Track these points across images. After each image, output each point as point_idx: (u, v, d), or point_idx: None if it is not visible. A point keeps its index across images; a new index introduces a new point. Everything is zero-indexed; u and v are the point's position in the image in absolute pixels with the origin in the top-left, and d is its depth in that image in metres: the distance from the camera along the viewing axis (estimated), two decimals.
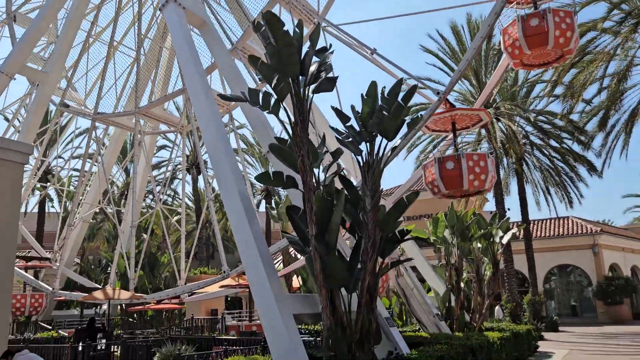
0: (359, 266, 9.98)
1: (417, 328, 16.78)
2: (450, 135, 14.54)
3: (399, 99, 10.23)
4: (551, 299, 40.75)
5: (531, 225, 41.96)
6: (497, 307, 29.27)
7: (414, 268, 20.70)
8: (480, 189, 12.94)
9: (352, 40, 17.22)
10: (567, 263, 39.73)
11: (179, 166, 40.21)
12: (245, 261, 9.59)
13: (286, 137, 10.03)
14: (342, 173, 16.36)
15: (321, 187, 9.93)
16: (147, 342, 13.49)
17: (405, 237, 11.12)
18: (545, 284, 40.80)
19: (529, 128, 31.93)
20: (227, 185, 10.59)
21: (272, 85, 9.41)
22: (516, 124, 30.37)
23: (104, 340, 13.73)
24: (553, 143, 31.76)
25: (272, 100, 9.60)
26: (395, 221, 10.53)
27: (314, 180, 9.95)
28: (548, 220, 42.31)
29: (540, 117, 31.09)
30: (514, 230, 18.57)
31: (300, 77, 9.86)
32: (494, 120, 26.04)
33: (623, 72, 22.17)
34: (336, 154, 10.82)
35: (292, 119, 9.66)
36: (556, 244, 39.58)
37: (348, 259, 10.36)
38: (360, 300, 9.94)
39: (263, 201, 45.88)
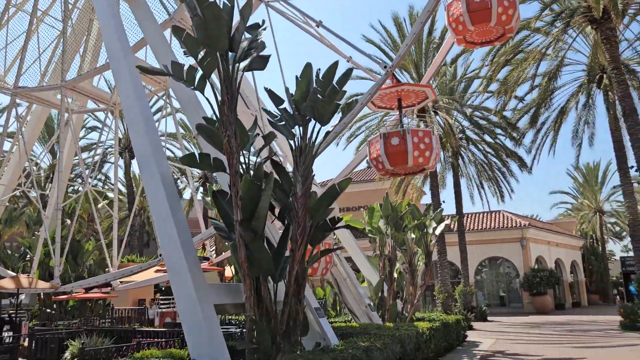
0: (288, 254, 9.60)
1: (349, 318, 16.65)
2: (392, 119, 14.43)
3: (334, 82, 9.85)
4: (481, 290, 42.20)
5: (465, 218, 43.16)
6: None
7: (349, 259, 20.63)
8: (424, 165, 12.80)
9: (297, 13, 16.50)
10: (497, 255, 41.24)
11: (110, 149, 38.24)
12: (164, 247, 8.95)
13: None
14: (277, 158, 15.93)
15: (251, 172, 9.45)
16: (59, 335, 12.52)
17: (337, 225, 10.82)
18: (476, 275, 42.21)
19: (465, 123, 32.67)
20: (148, 167, 9.86)
21: (198, 59, 8.78)
22: (453, 119, 30.95)
23: (9, 333, 12.62)
24: (488, 138, 32.65)
25: (198, 76, 8.97)
26: (326, 208, 10.20)
27: (243, 164, 9.46)
28: (481, 214, 43.72)
29: (476, 113, 31.82)
30: (447, 221, 18.80)
31: (231, 53, 9.29)
32: (432, 113, 26.35)
33: (553, 71, 22.94)
34: (268, 138, 10.31)
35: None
36: (488, 237, 40.97)
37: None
38: (287, 289, 9.55)
39: (201, 188, 44.69)
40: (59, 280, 20.38)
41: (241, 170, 9.37)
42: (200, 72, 8.91)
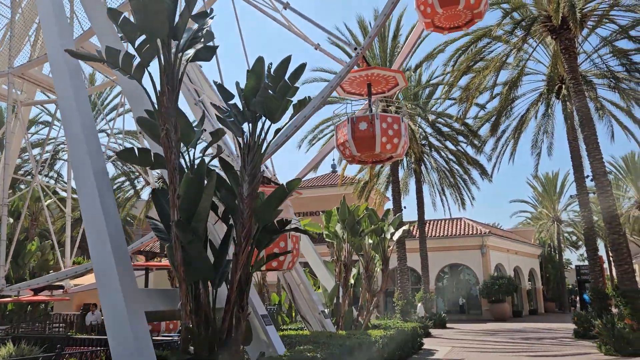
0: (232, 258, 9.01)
1: (302, 326, 16.12)
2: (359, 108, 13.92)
3: (286, 77, 9.36)
4: (442, 297, 42.34)
5: (426, 224, 43.32)
6: (419, 305, 29.58)
7: (307, 264, 20.11)
8: (392, 153, 12.28)
9: None
10: (458, 262, 41.46)
11: (63, 146, 36.66)
12: (92, 248, 8.23)
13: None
14: (231, 157, 15.28)
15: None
16: None
17: (286, 228, 10.28)
18: (437, 281, 42.34)
19: (429, 130, 32.72)
20: (80, 163, 9.11)
21: (135, 46, 8.13)
22: (417, 125, 30.90)
23: None
24: (450, 145, 32.78)
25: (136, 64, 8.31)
26: (274, 210, 9.65)
27: (188, 161, 8.85)
28: (443, 221, 43.94)
29: (440, 120, 31.90)
30: (405, 226, 18.52)
31: (175, 41, 8.68)
32: None
33: (514, 80, 23.07)
34: (216, 134, 9.73)
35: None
36: (449, 244, 41.17)
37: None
38: (229, 296, 8.96)
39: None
40: (4, 281, 19.09)
41: (185, 168, 8.77)
42: (138, 60, 8.27)
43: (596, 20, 22.60)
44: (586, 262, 50.45)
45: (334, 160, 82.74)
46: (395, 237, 17.65)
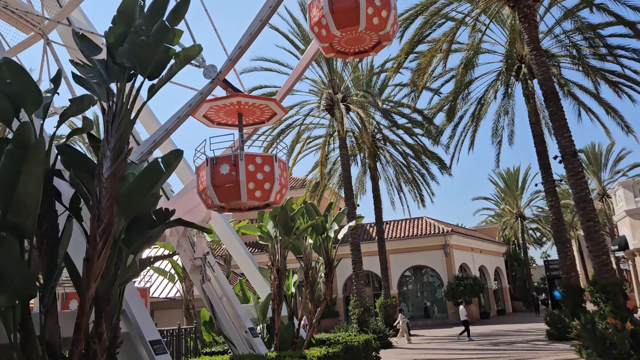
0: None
1: (226, 348, 13.18)
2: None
3: (165, 18, 6.64)
4: (406, 301, 39.92)
5: (386, 225, 40.96)
6: (400, 316, 26.86)
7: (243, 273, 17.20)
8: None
9: None
10: (421, 264, 39.16)
11: None
12: None
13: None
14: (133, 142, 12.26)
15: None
16: None
17: (169, 221, 7.38)
18: (401, 285, 39.94)
19: (384, 122, 30.31)
20: None
21: None
22: (371, 117, 28.43)
23: None
24: (406, 138, 30.45)
25: None
26: (146, 196, 6.74)
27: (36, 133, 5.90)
28: (403, 221, 41.66)
29: (396, 110, 29.50)
30: (352, 223, 15.80)
31: None
32: (342, 110, 23.58)
33: (469, 57, 20.84)
34: (77, 103, 6.86)
35: None
36: (410, 245, 38.87)
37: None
38: (78, 320, 6.04)
39: None
40: None
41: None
42: None
43: None
44: (553, 257, 49.23)
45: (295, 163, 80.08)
46: (341, 236, 14.91)
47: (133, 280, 8.89)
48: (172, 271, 19.24)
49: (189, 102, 10.14)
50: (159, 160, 6.80)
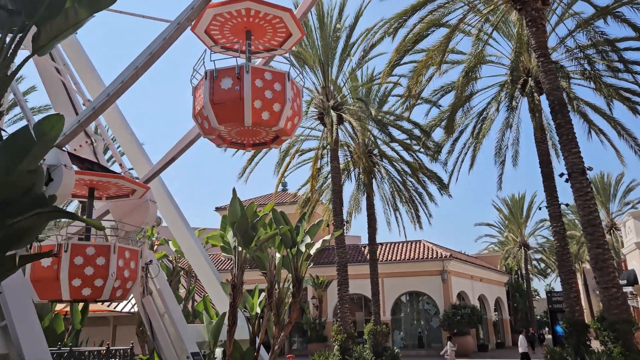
0: None
1: None
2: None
3: None
4: (399, 329, 37.68)
5: (381, 247, 38.99)
6: (449, 344, 24.48)
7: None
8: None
9: None
10: (416, 290, 37.01)
11: None
12: None
13: None
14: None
15: None
16: None
17: (45, 210, 5.56)
18: (395, 312, 37.74)
19: (383, 137, 28.62)
20: None
21: None
22: (366, 129, 26.74)
23: None
24: (405, 156, 28.73)
25: None
26: (10, 173, 5.02)
27: None
28: (400, 244, 39.63)
29: (395, 123, 27.79)
30: (327, 237, 13.95)
31: None
32: (333, 118, 21.93)
33: (472, 65, 19.16)
34: None
35: None
36: (406, 269, 36.78)
37: None
38: None
39: None
40: None
41: None
42: None
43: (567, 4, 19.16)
44: (557, 290, 46.85)
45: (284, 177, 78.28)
46: (314, 251, 13.10)
47: (23, 288, 7.12)
48: None
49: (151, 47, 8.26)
50: (42, 122, 5.07)
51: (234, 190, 11.68)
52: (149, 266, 11.16)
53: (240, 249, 12.02)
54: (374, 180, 29.83)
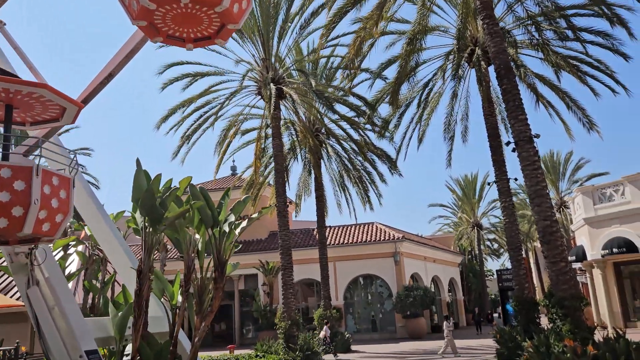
0: None
1: None
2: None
3: None
4: (352, 313, 36.82)
5: (332, 229, 37.95)
6: (445, 324, 22.97)
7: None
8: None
9: None
10: (369, 273, 36.17)
11: None
12: None
13: None
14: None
15: None
16: None
17: None
18: (348, 297, 36.84)
19: (332, 115, 27.29)
20: None
21: None
22: (310, 105, 25.33)
23: None
24: (353, 134, 27.55)
25: None
26: None
27: None
28: (352, 226, 38.66)
29: (342, 99, 26.46)
30: (254, 215, 12.51)
31: None
32: (272, 91, 20.44)
33: (415, 31, 17.98)
34: None
35: None
36: (359, 252, 35.85)
37: None
38: None
39: None
40: None
41: None
42: None
43: None
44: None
45: (234, 161, 75.89)
46: (239, 231, 11.66)
47: None
48: None
49: None
50: None
51: (137, 160, 10.03)
52: (35, 251, 9.49)
53: (149, 229, 10.45)
54: (322, 160, 28.60)
